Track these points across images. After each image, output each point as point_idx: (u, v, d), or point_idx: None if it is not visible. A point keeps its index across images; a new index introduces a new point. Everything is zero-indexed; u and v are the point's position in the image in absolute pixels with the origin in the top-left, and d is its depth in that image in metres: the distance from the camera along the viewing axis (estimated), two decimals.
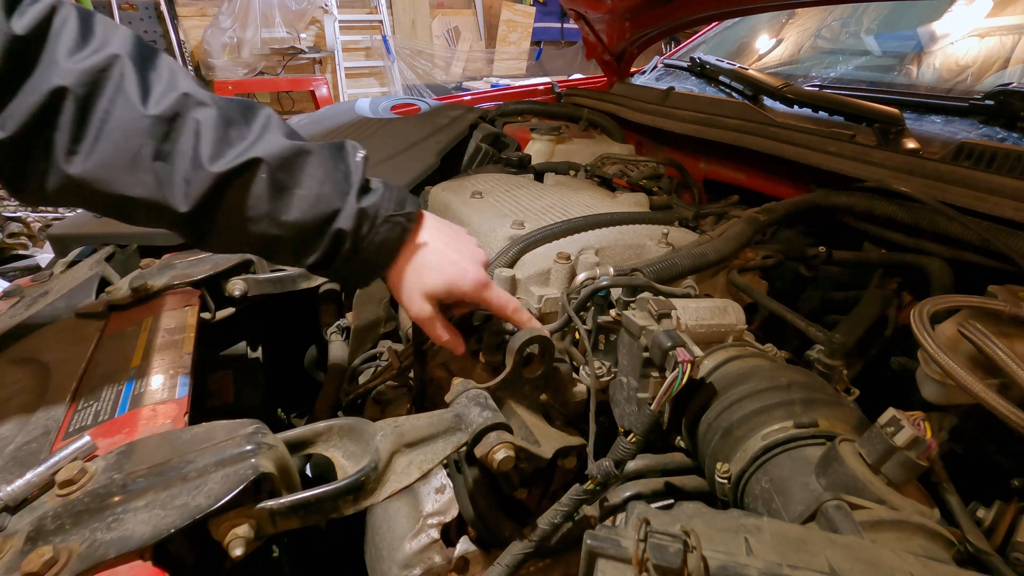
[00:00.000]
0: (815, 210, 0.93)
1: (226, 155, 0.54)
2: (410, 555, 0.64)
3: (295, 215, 0.56)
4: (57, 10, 0.52)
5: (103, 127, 0.52)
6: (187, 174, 0.53)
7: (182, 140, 0.53)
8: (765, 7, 1.36)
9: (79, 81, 0.51)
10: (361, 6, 5.45)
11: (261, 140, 0.56)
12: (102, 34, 0.54)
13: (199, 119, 0.54)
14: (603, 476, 0.54)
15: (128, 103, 0.52)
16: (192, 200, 0.53)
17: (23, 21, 0.50)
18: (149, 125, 0.52)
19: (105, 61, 0.52)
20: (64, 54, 0.51)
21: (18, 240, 3.24)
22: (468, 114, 1.49)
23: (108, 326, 0.78)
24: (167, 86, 0.54)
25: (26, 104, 0.50)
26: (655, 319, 0.61)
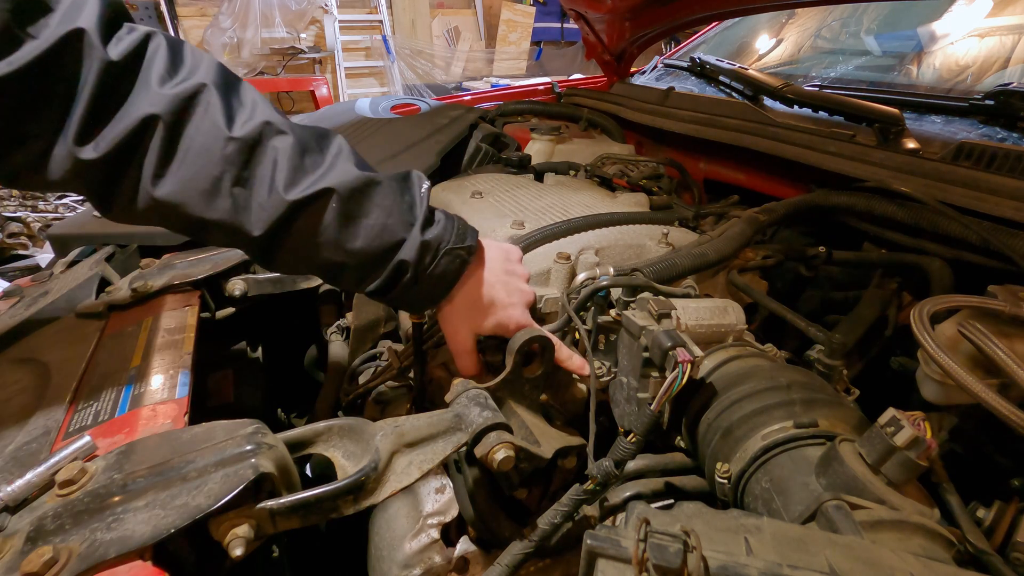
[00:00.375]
0: (815, 210, 0.93)
1: (300, 184, 0.56)
2: (410, 555, 0.64)
3: (361, 244, 0.58)
4: (151, 39, 0.55)
5: (188, 153, 0.54)
6: (263, 200, 0.56)
7: (261, 168, 0.56)
8: (765, 7, 1.36)
9: (169, 109, 0.53)
10: (361, 6, 5.45)
11: (333, 169, 0.58)
12: (190, 63, 0.57)
13: (277, 147, 0.56)
14: (603, 476, 0.54)
15: (213, 131, 0.54)
16: (265, 225, 0.56)
17: (119, 48, 0.52)
18: (232, 152, 0.55)
19: (193, 89, 0.54)
20: (156, 82, 0.53)
21: (18, 240, 3.24)
22: (468, 114, 1.49)
23: (108, 326, 0.78)
24: (248, 115, 0.57)
25: (119, 128, 0.52)
26: (655, 319, 0.61)
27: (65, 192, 0.54)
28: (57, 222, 2.07)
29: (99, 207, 0.58)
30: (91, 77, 0.50)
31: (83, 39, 0.50)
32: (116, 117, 0.52)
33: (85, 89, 0.51)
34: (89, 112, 0.51)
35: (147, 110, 0.52)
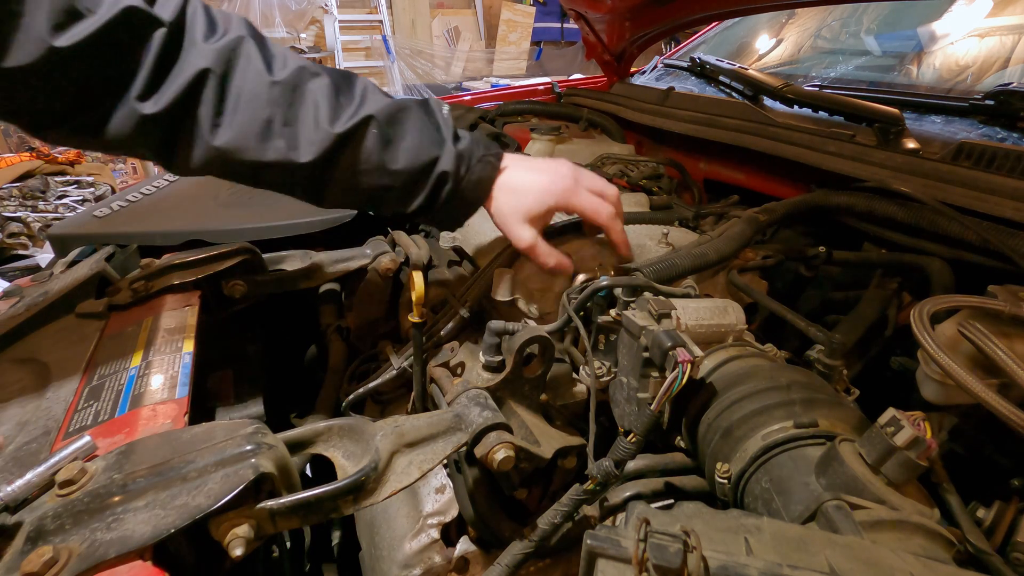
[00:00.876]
0: (815, 210, 0.93)
1: (342, 117, 0.62)
2: (410, 555, 0.64)
3: (402, 164, 0.64)
4: (188, 1, 0.61)
5: (239, 100, 0.59)
6: (311, 135, 0.61)
7: (304, 107, 0.61)
8: (765, 7, 1.36)
9: (217, 60, 0.58)
10: (361, 6, 5.45)
11: (367, 101, 0.64)
12: (223, 19, 0.62)
13: (316, 87, 0.62)
14: (603, 476, 0.54)
15: (257, 77, 0.60)
16: (315, 156, 0.61)
17: (167, 10, 0.58)
18: (277, 95, 0.60)
19: (234, 42, 0.60)
20: (202, 38, 0.59)
21: (18, 240, 3.24)
22: (468, 114, 1.49)
23: (108, 326, 0.78)
24: (283, 60, 0.62)
25: (176, 84, 0.57)
26: (655, 319, 0.61)
27: (123, 153, 0.64)
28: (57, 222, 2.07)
29: (161, 161, 0.63)
30: (149, 42, 0.56)
31: (137, 11, 0.55)
32: (172, 74, 0.57)
33: (145, 52, 0.56)
34: (150, 72, 0.56)
35: (200, 64, 0.57)
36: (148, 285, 0.84)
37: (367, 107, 0.63)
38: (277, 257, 0.99)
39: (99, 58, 0.54)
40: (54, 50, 0.52)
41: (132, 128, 0.58)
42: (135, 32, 0.56)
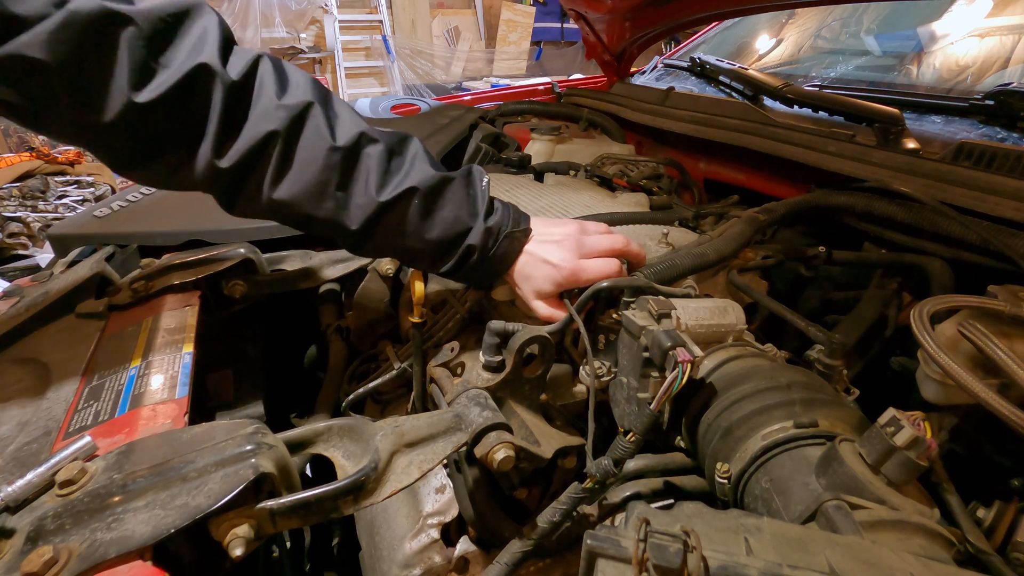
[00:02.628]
0: (815, 210, 0.93)
1: (388, 185, 0.66)
2: (410, 555, 0.64)
3: (436, 234, 0.68)
4: (260, 61, 0.65)
5: (300, 162, 0.63)
6: (359, 201, 0.65)
7: (357, 173, 0.65)
8: (765, 7, 1.36)
9: (285, 125, 0.62)
10: (361, 6, 5.45)
11: (414, 170, 0.68)
12: (294, 80, 0.66)
13: (371, 154, 0.66)
14: (602, 475, 0.54)
15: (319, 142, 0.64)
16: (360, 221, 0.66)
17: (237, 70, 0.62)
18: (335, 161, 0.64)
19: (303, 106, 0.64)
20: (271, 99, 0.63)
21: (18, 240, 3.24)
22: (468, 114, 1.49)
23: (108, 326, 0.78)
24: (347, 127, 0.66)
25: (246, 143, 0.61)
26: (655, 319, 0.61)
27: (196, 190, 0.67)
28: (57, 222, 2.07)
29: (224, 205, 0.68)
30: (218, 99, 0.60)
31: (209, 69, 0.59)
32: (242, 133, 0.61)
33: (215, 109, 0.60)
34: (220, 128, 0.60)
35: (268, 127, 0.62)
36: (148, 285, 0.84)
37: (412, 177, 0.67)
38: (277, 257, 0.99)
39: (169, 113, 0.58)
40: (134, 105, 0.56)
41: (203, 177, 0.63)
42: (203, 88, 0.60)
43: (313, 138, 0.64)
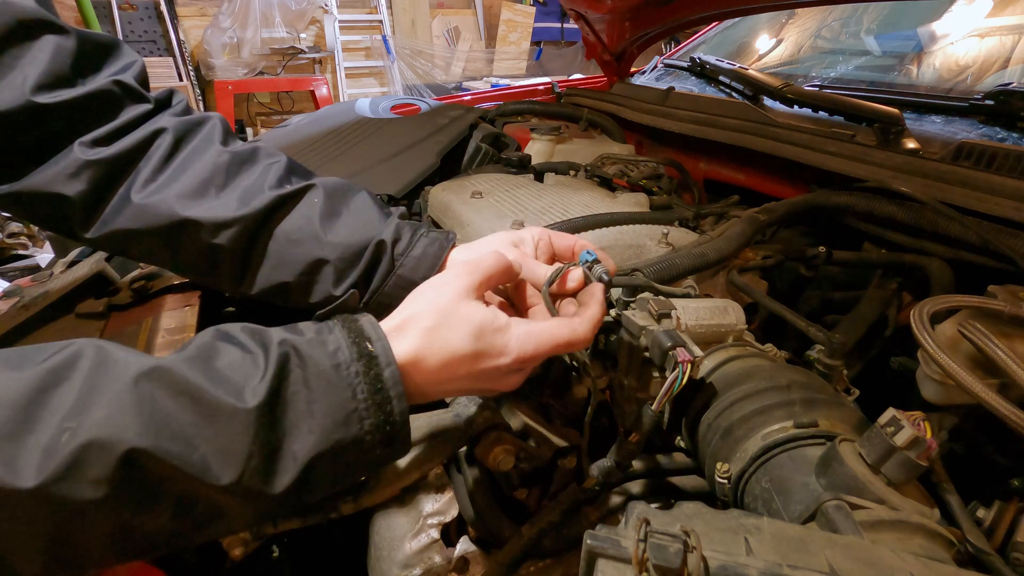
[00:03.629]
0: (815, 210, 0.93)
1: (285, 186, 0.60)
2: (410, 555, 0.64)
3: (340, 237, 0.60)
4: (174, 92, 0.65)
5: (184, 162, 0.59)
6: (245, 195, 0.59)
7: (251, 173, 0.60)
8: (765, 7, 1.36)
9: (178, 126, 0.60)
10: (361, 6, 5.45)
11: (318, 179, 0.63)
12: (201, 114, 0.65)
13: (269, 163, 0.61)
14: (604, 476, 0.54)
15: (211, 144, 0.60)
16: (243, 212, 0.58)
17: (153, 94, 0.63)
18: (226, 161, 0.59)
19: (202, 118, 0.62)
20: (172, 113, 0.62)
21: (18, 240, 3.24)
22: (468, 114, 1.49)
23: (108, 326, 0.78)
24: (245, 144, 0.63)
25: (131, 140, 0.58)
26: (655, 319, 0.61)
27: (20, 206, 0.59)
28: None
29: (80, 221, 0.60)
30: (121, 112, 0.59)
31: (127, 87, 0.59)
32: (131, 133, 0.59)
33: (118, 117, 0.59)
34: (112, 130, 0.58)
35: (160, 124, 0.59)
36: (148, 285, 0.84)
37: (315, 180, 0.62)
38: None
39: (72, 116, 0.56)
40: (31, 105, 0.53)
41: (64, 174, 0.56)
42: (113, 103, 0.58)
43: (204, 141, 0.60)
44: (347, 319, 0.45)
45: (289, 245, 0.60)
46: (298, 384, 0.40)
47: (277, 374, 0.39)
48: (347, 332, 0.43)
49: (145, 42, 4.51)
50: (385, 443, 0.42)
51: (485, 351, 0.46)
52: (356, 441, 0.41)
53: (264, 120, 5.12)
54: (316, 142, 1.37)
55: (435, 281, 0.48)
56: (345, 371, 0.41)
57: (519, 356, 0.47)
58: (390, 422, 0.42)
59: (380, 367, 0.42)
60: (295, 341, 0.41)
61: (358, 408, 0.41)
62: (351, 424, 0.40)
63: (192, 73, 4.71)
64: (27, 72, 0.54)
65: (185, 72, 4.64)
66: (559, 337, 0.48)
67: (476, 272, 0.48)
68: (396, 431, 0.42)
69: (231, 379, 0.38)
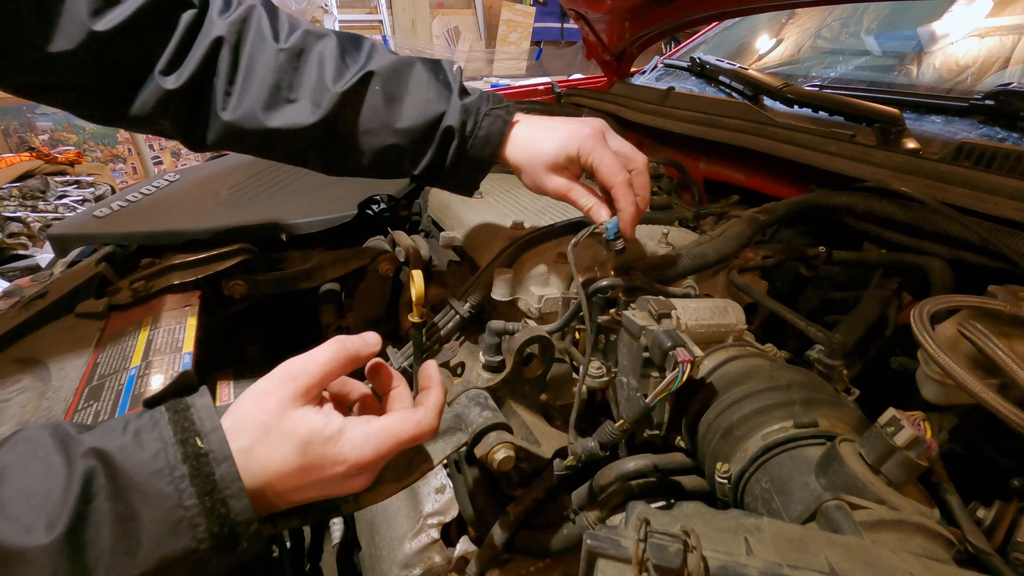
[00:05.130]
0: (815, 210, 0.93)
1: (345, 76, 0.62)
2: (410, 555, 0.64)
3: (407, 122, 0.62)
4: None
5: (249, 69, 0.61)
6: (315, 96, 0.61)
7: (308, 70, 0.62)
8: (765, 7, 1.36)
9: (231, 31, 0.61)
10: (361, 6, 5.45)
11: (372, 59, 0.64)
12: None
13: (322, 50, 0.63)
14: (586, 455, 0.54)
15: (265, 45, 0.62)
16: (320, 117, 0.61)
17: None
18: (284, 60, 0.61)
19: (246, 11, 0.63)
20: (218, 13, 0.62)
21: (18, 240, 3.24)
22: None
23: (108, 326, 0.78)
24: (291, 27, 0.64)
25: (195, 57, 0.60)
26: (655, 319, 0.61)
27: (147, 130, 0.66)
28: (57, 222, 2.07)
29: (181, 137, 0.65)
30: (177, 23, 0.60)
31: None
32: (192, 49, 0.60)
33: (173, 33, 0.60)
34: (175, 49, 0.60)
35: (214, 34, 0.61)
36: (148, 285, 0.84)
37: (371, 63, 0.63)
38: (277, 257, 0.99)
39: (133, 40, 0.58)
40: (93, 34, 0.55)
41: (155, 104, 0.60)
42: (166, 14, 0.59)
43: (259, 42, 0.62)
44: (177, 408, 0.39)
45: (364, 136, 0.63)
46: (108, 501, 0.34)
47: (81, 495, 0.33)
48: (173, 427, 0.38)
49: None
50: (226, 547, 0.37)
51: (314, 464, 0.41)
52: (188, 553, 0.36)
53: None
54: None
55: (255, 391, 0.43)
56: (168, 476, 0.36)
57: (356, 463, 0.42)
58: (227, 524, 0.37)
59: (211, 465, 0.37)
60: (106, 449, 0.35)
61: (186, 516, 0.36)
62: (179, 535, 0.35)
63: None
64: (77, 1, 0.55)
65: None
66: (402, 434, 0.44)
67: (303, 377, 0.43)
68: (237, 534, 0.37)
69: (20, 511, 0.32)
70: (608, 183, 0.64)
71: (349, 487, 0.44)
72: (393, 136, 0.63)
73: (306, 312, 1.07)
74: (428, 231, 1.14)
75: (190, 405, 0.40)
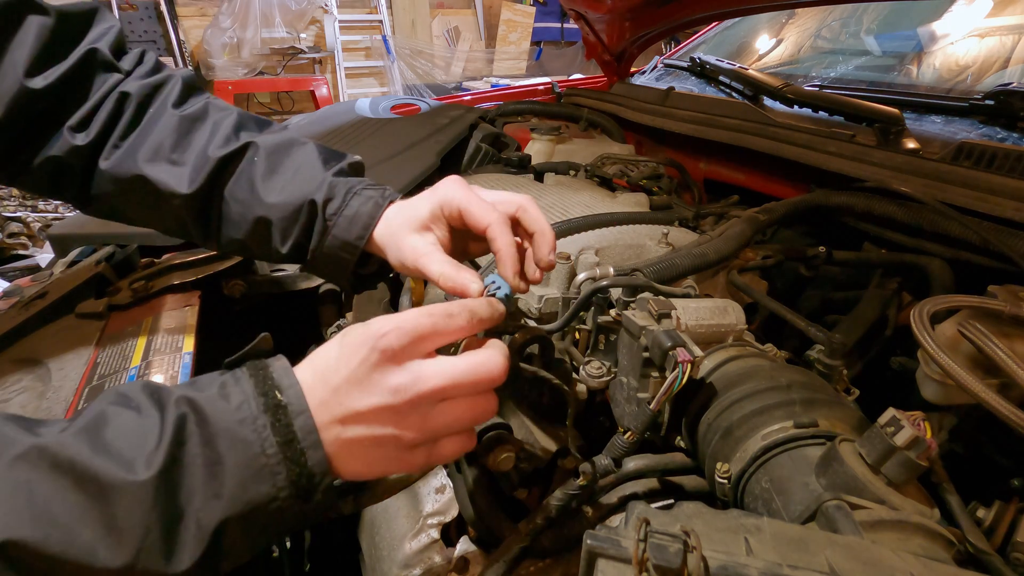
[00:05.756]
0: (815, 210, 0.93)
1: (229, 145, 0.60)
2: (410, 555, 0.64)
3: (278, 196, 0.59)
4: (146, 53, 0.67)
5: (146, 127, 0.61)
6: (197, 163, 0.60)
7: (198, 136, 0.61)
8: (765, 7, 1.36)
9: (141, 91, 0.61)
10: (361, 6, 5.45)
11: (265, 134, 0.63)
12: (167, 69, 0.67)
13: (218, 120, 0.62)
14: (600, 473, 0.54)
15: (167, 109, 0.62)
16: (197, 186, 0.59)
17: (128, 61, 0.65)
18: (177, 123, 0.61)
19: (163, 79, 0.63)
20: (137, 76, 0.64)
21: (18, 240, 3.24)
22: (468, 114, 1.49)
23: (108, 326, 0.78)
24: (201, 100, 0.64)
25: (103, 113, 0.61)
26: (655, 319, 0.61)
27: (42, 187, 0.64)
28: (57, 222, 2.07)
29: (75, 193, 0.64)
30: (104, 84, 0.62)
31: (100, 56, 0.62)
32: (103, 104, 0.61)
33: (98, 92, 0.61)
34: (91, 106, 0.60)
35: (125, 88, 0.61)
36: (148, 285, 0.84)
37: (259, 138, 0.62)
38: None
39: (57, 97, 0.59)
40: (26, 90, 0.56)
41: (61, 153, 0.60)
42: (93, 75, 0.61)
43: (162, 107, 0.62)
44: (256, 367, 0.42)
45: (236, 205, 0.60)
46: (198, 446, 0.36)
47: (174, 438, 0.36)
48: (255, 382, 0.40)
49: (145, 42, 4.51)
50: (303, 497, 0.39)
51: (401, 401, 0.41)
52: (269, 500, 0.38)
53: None
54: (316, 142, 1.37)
55: (343, 342, 0.43)
56: (251, 425, 0.38)
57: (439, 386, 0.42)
58: (305, 474, 0.39)
59: (290, 416, 0.39)
60: (195, 398, 0.38)
61: (268, 464, 0.38)
62: (262, 482, 0.37)
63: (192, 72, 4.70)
64: (16, 57, 0.56)
65: None
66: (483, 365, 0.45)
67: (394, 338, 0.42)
68: (314, 484, 0.39)
69: (121, 449, 0.35)
70: (480, 224, 0.54)
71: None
72: (263, 209, 0.59)
73: (306, 312, 1.07)
74: None
75: (268, 365, 0.42)
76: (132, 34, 4.46)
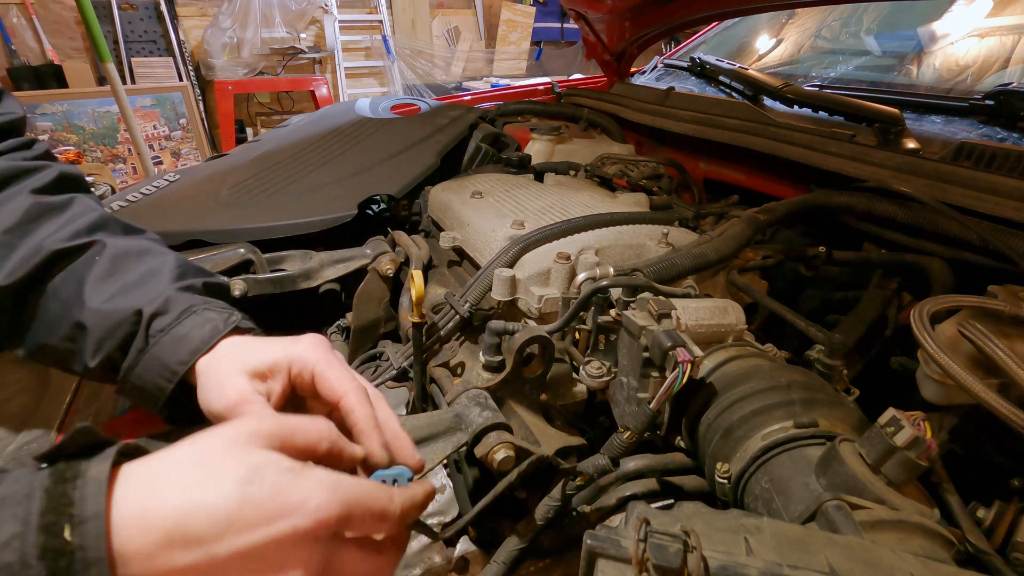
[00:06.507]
0: (815, 210, 0.93)
1: (75, 240, 0.52)
2: (410, 555, 0.64)
3: (102, 301, 0.50)
4: None
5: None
6: (26, 252, 0.52)
7: (47, 225, 0.53)
8: (765, 7, 1.36)
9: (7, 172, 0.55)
10: (361, 6, 5.45)
11: (124, 238, 0.55)
12: None
13: (77, 215, 0.55)
14: (596, 472, 0.54)
15: (24, 190, 0.55)
16: (15, 275, 0.51)
17: None
18: (30, 205, 0.53)
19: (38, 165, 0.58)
20: None
21: None
22: (468, 114, 1.49)
23: None
24: (80, 203, 0.57)
25: None
26: (655, 319, 0.61)
27: None
28: None
29: None
30: None
31: None
32: None
33: None
34: None
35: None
36: None
37: (112, 238, 0.54)
38: (277, 257, 0.99)
39: None
40: None
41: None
42: None
43: (21, 187, 0.55)
44: (64, 477, 0.30)
45: (55, 305, 0.52)
46: None
47: None
48: (47, 503, 0.29)
49: (145, 42, 4.51)
50: None
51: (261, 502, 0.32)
52: None
53: (264, 120, 5.11)
54: (316, 142, 1.37)
55: None
56: None
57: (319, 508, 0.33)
58: None
59: (75, 569, 0.28)
60: None
61: None
62: None
63: (192, 73, 4.70)
64: None
65: (185, 72, 4.63)
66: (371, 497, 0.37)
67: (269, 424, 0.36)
68: None
69: None
70: (336, 393, 0.46)
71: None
72: (81, 313, 0.50)
73: (306, 312, 1.06)
74: (428, 231, 1.14)
75: (80, 475, 0.30)
76: (132, 34, 4.45)
